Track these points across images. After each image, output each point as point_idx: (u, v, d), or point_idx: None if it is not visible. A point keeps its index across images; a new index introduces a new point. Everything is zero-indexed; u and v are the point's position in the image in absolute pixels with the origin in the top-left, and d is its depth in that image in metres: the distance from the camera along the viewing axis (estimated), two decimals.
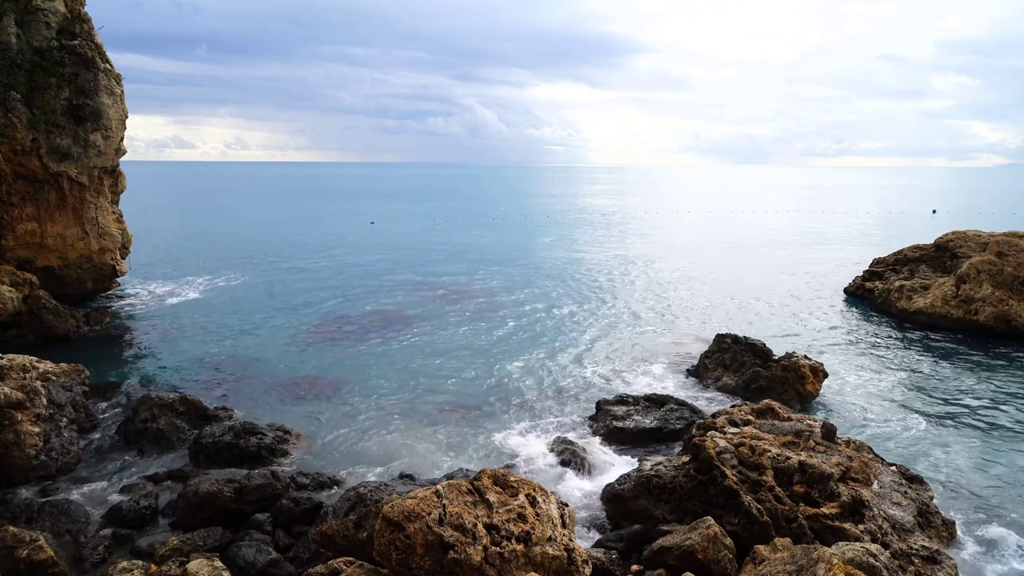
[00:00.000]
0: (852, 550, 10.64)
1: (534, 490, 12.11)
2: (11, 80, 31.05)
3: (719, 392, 23.90)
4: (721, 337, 25.93)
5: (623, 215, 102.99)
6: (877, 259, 42.48)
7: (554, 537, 11.30)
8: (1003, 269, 31.88)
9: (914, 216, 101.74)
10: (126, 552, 14.33)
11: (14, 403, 17.50)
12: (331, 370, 26.24)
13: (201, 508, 15.20)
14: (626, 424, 20.13)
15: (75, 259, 35.14)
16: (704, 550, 12.47)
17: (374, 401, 23.00)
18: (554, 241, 68.39)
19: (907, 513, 14.05)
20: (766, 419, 17.38)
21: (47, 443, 17.68)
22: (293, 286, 42.94)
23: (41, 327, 29.41)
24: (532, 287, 43.15)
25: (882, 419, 21.72)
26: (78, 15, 33.98)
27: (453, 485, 11.68)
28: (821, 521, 13.28)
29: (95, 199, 35.13)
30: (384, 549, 10.86)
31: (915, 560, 12.67)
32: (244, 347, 29.33)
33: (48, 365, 20.43)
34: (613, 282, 45.11)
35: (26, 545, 12.90)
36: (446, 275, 47.45)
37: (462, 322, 33.95)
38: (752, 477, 14.24)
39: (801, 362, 23.61)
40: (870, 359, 28.02)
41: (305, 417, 21.55)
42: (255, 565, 13.29)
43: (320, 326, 33.09)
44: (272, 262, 52.53)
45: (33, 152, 31.92)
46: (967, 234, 38.53)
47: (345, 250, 60.10)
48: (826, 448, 15.60)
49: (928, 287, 34.97)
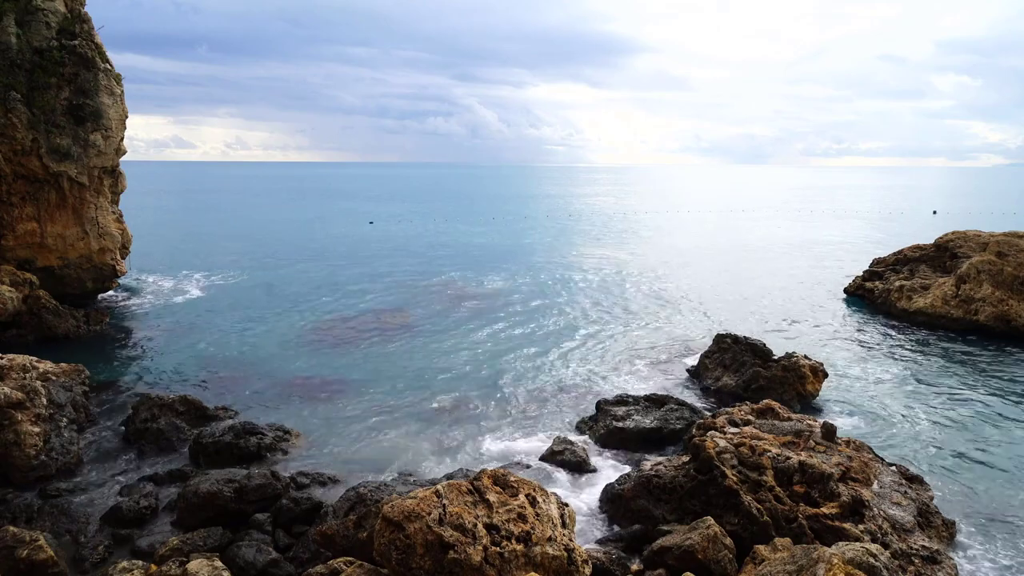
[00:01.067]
0: (852, 550, 10.65)
1: (534, 490, 12.12)
2: (11, 80, 31.05)
3: (719, 392, 23.91)
4: (721, 337, 25.92)
5: (623, 215, 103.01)
6: (877, 259, 42.47)
7: (554, 537, 11.30)
8: (1003, 269, 31.88)
9: (914, 216, 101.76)
10: (126, 552, 14.32)
11: (14, 403, 17.50)
12: (331, 370, 26.24)
13: (201, 508, 15.19)
14: (626, 424, 20.13)
15: (75, 259, 35.12)
16: (704, 550, 12.47)
17: (374, 401, 23.00)
18: (554, 241, 68.40)
19: (907, 513, 14.05)
20: (766, 419, 17.38)
21: (47, 443, 17.68)
22: (293, 286, 42.95)
23: (41, 327, 29.41)
24: (532, 287, 43.16)
25: (882, 419, 21.72)
26: (78, 15, 33.97)
27: (453, 485, 11.68)
28: (821, 521, 13.28)
29: (95, 199, 35.13)
30: (384, 549, 10.86)
31: (915, 560, 12.67)
32: (244, 347, 29.34)
33: (48, 365, 20.43)
34: (613, 282, 45.11)
35: (26, 545, 12.90)
36: (446, 275, 47.46)
37: (462, 322, 33.96)
38: (752, 477, 14.24)
39: (801, 362, 23.61)
40: (870, 359, 28.01)
41: (305, 417, 21.55)
42: (255, 565, 13.29)
43: (320, 326, 33.10)
44: (272, 262, 52.54)
45: (33, 152, 31.91)
46: (967, 234, 38.52)
47: (345, 250, 60.11)
48: (826, 448, 15.60)
49: (928, 287, 34.97)
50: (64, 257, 34.75)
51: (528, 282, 44.78)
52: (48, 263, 34.19)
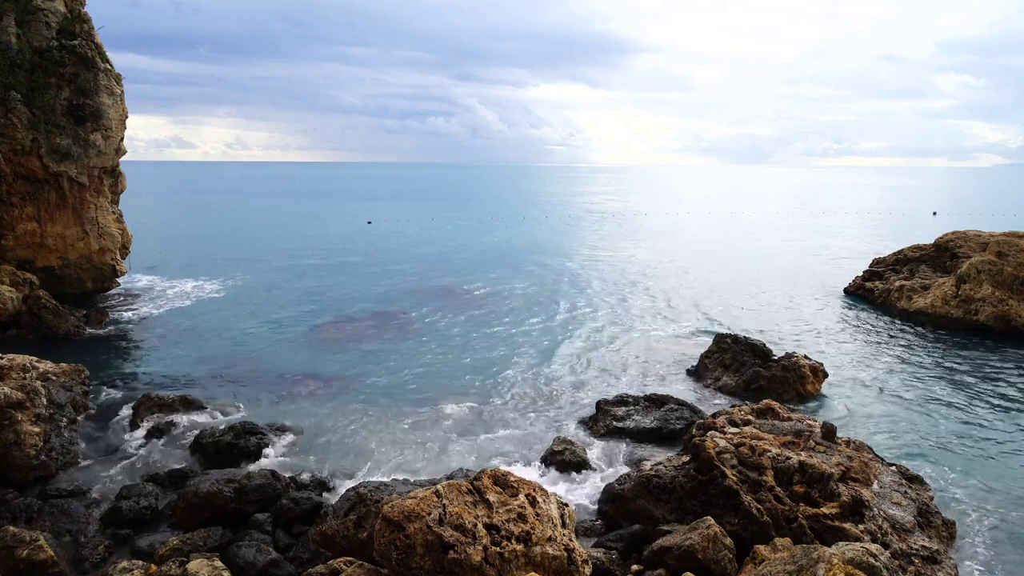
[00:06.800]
0: (852, 550, 10.64)
1: (534, 490, 12.11)
2: (11, 80, 31.05)
3: (719, 392, 23.90)
4: (721, 337, 25.93)
5: (623, 215, 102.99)
6: (877, 259, 42.48)
7: (554, 537, 11.30)
8: (1003, 269, 31.88)
9: (914, 216, 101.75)
10: (126, 552, 14.33)
11: (14, 403, 17.50)
12: (331, 370, 26.24)
13: (201, 508, 15.20)
14: (626, 424, 20.13)
15: (75, 259, 35.12)
16: (704, 550, 12.47)
17: (374, 401, 22.99)
18: (554, 241, 68.38)
19: (907, 513, 14.05)
20: (766, 419, 17.38)
21: (47, 443, 17.68)
22: (293, 285, 42.95)
23: (41, 327, 29.42)
24: (532, 287, 43.15)
25: (882, 419, 21.72)
26: (78, 15, 33.97)
27: (453, 485, 11.68)
28: (821, 521, 13.28)
29: (95, 199, 35.13)
30: (384, 549, 10.86)
31: (915, 560, 12.67)
32: (244, 347, 29.33)
33: (48, 365, 20.44)
34: (613, 282, 45.10)
35: (26, 545, 12.91)
36: (445, 275, 47.46)
37: (461, 322, 33.95)
38: (752, 477, 14.24)
39: (801, 362, 23.62)
40: (870, 359, 28.00)
41: (305, 417, 21.54)
42: (255, 565, 13.29)
43: (320, 326, 33.09)
44: (272, 262, 52.53)
45: (33, 152, 31.92)
46: (967, 234, 38.52)
47: (345, 250, 60.10)
48: (826, 448, 15.60)
49: (928, 287, 34.97)
50: (64, 257, 34.76)
51: (528, 282, 44.76)
52: (48, 263, 34.20)
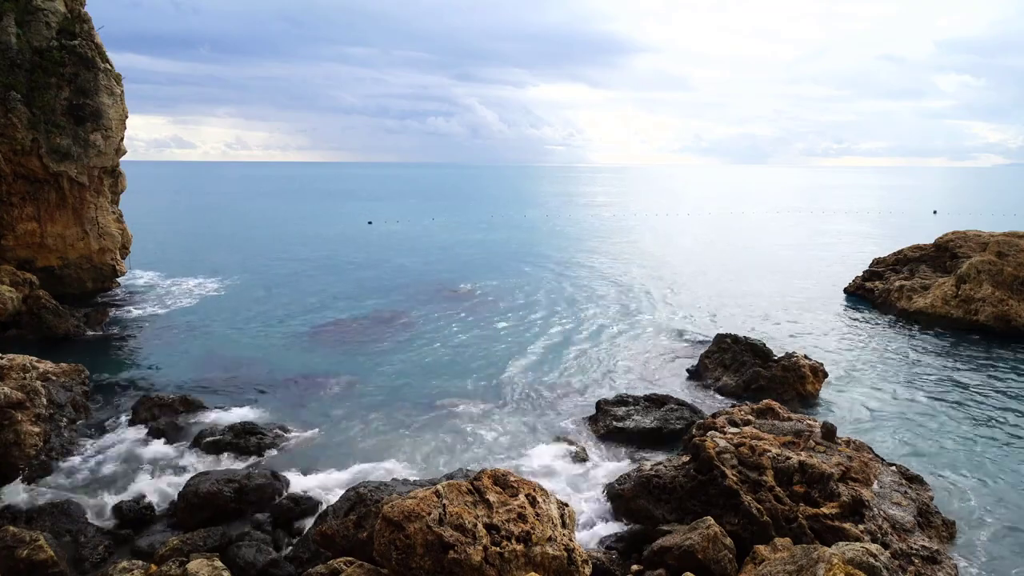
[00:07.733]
0: (852, 550, 10.64)
1: (534, 490, 12.11)
2: (11, 80, 31.06)
3: (719, 392, 23.90)
4: (721, 337, 25.93)
5: (623, 215, 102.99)
6: (877, 259, 42.47)
7: (554, 537, 11.30)
8: (1003, 269, 31.88)
9: (914, 216, 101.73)
10: (126, 552, 14.33)
11: (14, 403, 17.49)
12: (331, 370, 26.23)
13: (201, 508, 15.20)
14: (626, 424, 20.13)
15: (75, 259, 35.14)
16: (704, 550, 12.47)
17: (374, 401, 23.00)
18: (554, 241, 68.38)
19: (907, 513, 14.05)
20: (766, 419, 17.38)
21: (47, 443, 17.69)
22: (293, 285, 42.94)
23: (41, 327, 29.42)
24: (532, 287, 43.15)
25: (882, 419, 21.72)
26: (78, 15, 33.99)
27: (453, 485, 11.68)
28: (821, 521, 13.28)
29: (95, 199, 35.14)
30: (384, 549, 10.86)
31: (915, 560, 12.67)
32: (244, 347, 29.33)
33: (48, 365, 20.43)
34: (613, 282, 45.09)
35: (26, 545, 12.90)
36: (445, 275, 47.45)
37: (461, 322, 33.95)
38: (752, 477, 14.24)
39: (801, 362, 23.61)
40: (870, 359, 28.00)
41: (305, 416, 21.55)
42: (255, 565, 13.29)
43: (319, 326, 33.09)
44: (272, 262, 52.53)
45: (33, 152, 31.93)
46: (967, 234, 38.52)
47: (345, 250, 60.10)
48: (826, 448, 15.60)
49: (928, 287, 34.97)
50: (64, 257, 34.77)
51: (528, 282, 44.76)
52: (48, 263, 34.21)
